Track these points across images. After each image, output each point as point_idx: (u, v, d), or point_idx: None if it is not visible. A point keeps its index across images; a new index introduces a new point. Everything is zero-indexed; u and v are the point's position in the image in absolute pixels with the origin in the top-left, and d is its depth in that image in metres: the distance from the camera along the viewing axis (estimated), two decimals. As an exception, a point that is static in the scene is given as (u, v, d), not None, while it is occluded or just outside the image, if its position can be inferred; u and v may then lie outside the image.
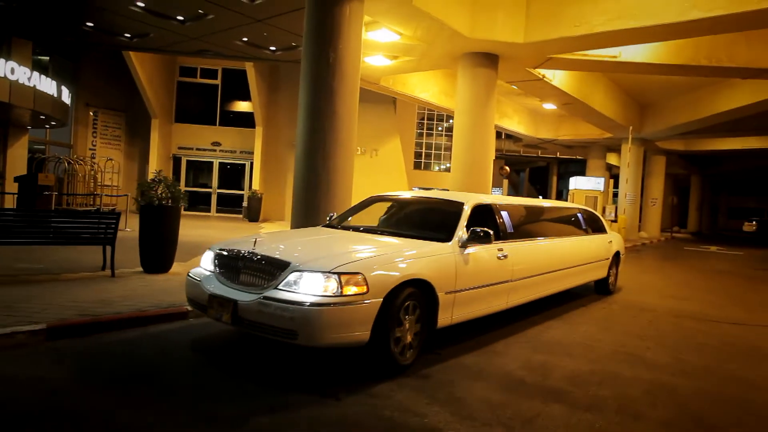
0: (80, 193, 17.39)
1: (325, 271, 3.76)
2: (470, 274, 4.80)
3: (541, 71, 14.42)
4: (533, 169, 45.22)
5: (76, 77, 17.98)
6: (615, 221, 20.08)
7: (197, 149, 20.74)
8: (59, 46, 16.76)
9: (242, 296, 3.95)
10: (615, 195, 27.48)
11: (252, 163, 20.46)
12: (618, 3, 10.33)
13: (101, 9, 11.78)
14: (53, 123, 14.76)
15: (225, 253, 4.42)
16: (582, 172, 30.47)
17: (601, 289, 8.33)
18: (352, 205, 6.95)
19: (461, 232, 4.91)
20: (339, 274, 3.75)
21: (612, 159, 30.29)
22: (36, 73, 12.28)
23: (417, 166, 28.42)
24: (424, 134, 32.18)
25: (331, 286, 3.71)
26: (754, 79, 14.31)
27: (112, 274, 6.73)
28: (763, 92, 15.72)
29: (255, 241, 4.37)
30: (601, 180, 23.05)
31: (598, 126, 21.70)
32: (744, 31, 11.64)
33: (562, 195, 42.48)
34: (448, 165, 32.85)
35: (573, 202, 20.97)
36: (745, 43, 12.54)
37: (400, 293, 4.02)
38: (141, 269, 7.17)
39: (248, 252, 4.20)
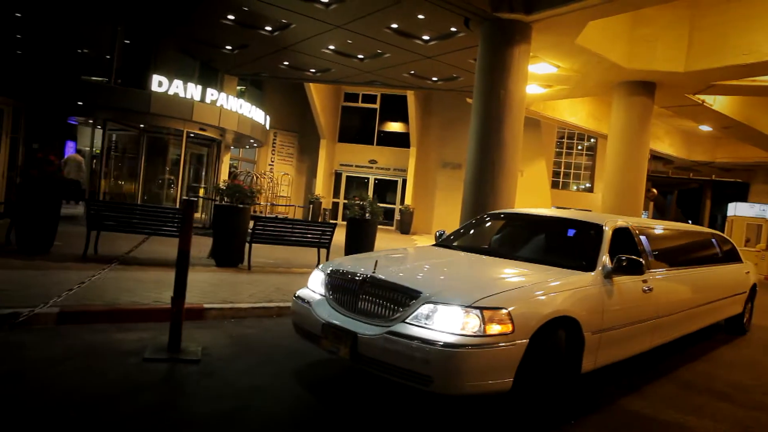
0: (261, 202, 20.52)
1: (465, 305, 3.22)
2: (616, 310, 4.20)
3: (701, 96, 14.31)
4: (683, 191, 42.18)
5: (262, 103, 21.26)
6: (782, 252, 18.67)
7: (356, 166, 23.20)
8: (252, 77, 20.04)
9: (363, 329, 3.43)
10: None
11: (404, 180, 22.38)
12: (793, 30, 10.23)
13: (299, 53, 14.24)
14: (255, 144, 17.84)
15: (340, 274, 3.90)
16: (742, 197, 28.14)
17: (734, 327, 7.18)
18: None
19: (605, 260, 4.28)
20: (481, 309, 3.21)
21: (783, 184, 27.64)
22: (253, 107, 15.18)
23: (555, 185, 28.48)
24: (564, 153, 32.02)
25: (472, 323, 3.18)
26: None
27: (326, 270, 8.57)
28: None
29: (376, 263, 3.76)
30: (767, 207, 21.35)
31: (765, 149, 20.33)
32: None
33: (716, 220, 39.07)
34: (588, 185, 32.28)
35: (732, 231, 19.84)
36: None
37: (547, 333, 3.47)
38: (344, 269, 8.95)
39: (369, 275, 3.65)
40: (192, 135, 13.40)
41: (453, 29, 11.14)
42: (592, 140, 31.49)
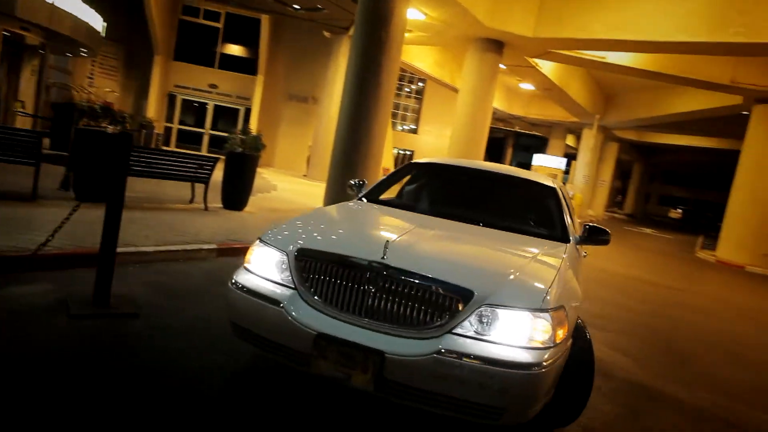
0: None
1: (533, 309, 2.42)
2: (579, 283, 3.42)
3: (536, 60, 16.15)
4: (489, 139, 47.56)
5: (79, 3, 17.89)
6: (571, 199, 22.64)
7: (193, 89, 21.14)
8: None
9: (390, 344, 2.37)
10: (567, 173, 30.22)
11: (248, 109, 21.17)
12: (617, 15, 12.07)
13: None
14: (84, 54, 14.98)
15: (324, 257, 2.62)
16: (537, 147, 32.94)
17: None
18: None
19: (571, 228, 3.77)
20: (549, 311, 2.44)
21: (570, 140, 32.96)
22: (92, 10, 12.56)
23: (385, 125, 29.69)
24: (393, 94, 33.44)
25: (543, 330, 2.42)
26: (706, 90, 16.75)
27: (205, 207, 8.00)
28: (711, 102, 18.30)
29: (386, 243, 2.58)
30: (564, 160, 25.46)
31: (568, 110, 23.91)
32: (714, 56, 13.76)
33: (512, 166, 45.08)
34: (413, 126, 34.49)
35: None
36: (704, 62, 14.70)
37: (577, 326, 2.90)
38: (221, 205, 8.45)
39: (388, 264, 2.50)
40: (8, 35, 10.75)
41: (334, -41, 10.67)
42: (420, 84, 33.44)
